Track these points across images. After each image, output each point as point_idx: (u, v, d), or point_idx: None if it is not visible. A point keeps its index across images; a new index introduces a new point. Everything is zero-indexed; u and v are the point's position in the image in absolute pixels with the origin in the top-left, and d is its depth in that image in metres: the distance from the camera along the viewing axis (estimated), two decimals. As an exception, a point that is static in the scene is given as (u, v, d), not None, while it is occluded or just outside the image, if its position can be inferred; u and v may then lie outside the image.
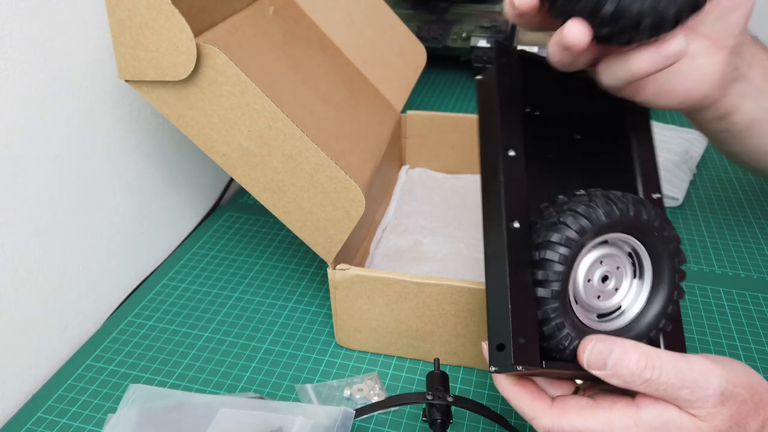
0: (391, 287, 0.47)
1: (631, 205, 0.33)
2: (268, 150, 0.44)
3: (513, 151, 0.35)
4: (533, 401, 0.34)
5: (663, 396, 0.32)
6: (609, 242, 0.35)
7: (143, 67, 0.43)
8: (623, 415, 0.32)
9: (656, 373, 0.31)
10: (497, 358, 0.33)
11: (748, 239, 0.65)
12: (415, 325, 0.49)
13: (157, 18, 0.41)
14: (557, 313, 0.32)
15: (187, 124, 0.45)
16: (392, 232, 0.63)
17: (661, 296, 0.35)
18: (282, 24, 0.60)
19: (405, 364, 0.50)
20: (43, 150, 0.49)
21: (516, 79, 0.37)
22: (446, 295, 0.46)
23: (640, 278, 0.36)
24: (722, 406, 0.31)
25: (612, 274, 0.35)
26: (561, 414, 0.33)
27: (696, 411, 0.31)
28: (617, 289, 0.35)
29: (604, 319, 0.35)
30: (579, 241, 0.32)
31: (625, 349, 0.32)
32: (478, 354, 0.49)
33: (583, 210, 0.33)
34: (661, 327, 0.35)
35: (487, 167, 0.36)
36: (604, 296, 0.35)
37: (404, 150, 0.73)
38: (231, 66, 0.42)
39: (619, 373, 0.32)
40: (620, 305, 0.36)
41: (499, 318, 0.33)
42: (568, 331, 0.33)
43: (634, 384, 0.32)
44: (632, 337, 0.34)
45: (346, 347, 0.52)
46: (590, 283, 0.35)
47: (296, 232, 0.47)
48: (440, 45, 0.98)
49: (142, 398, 0.42)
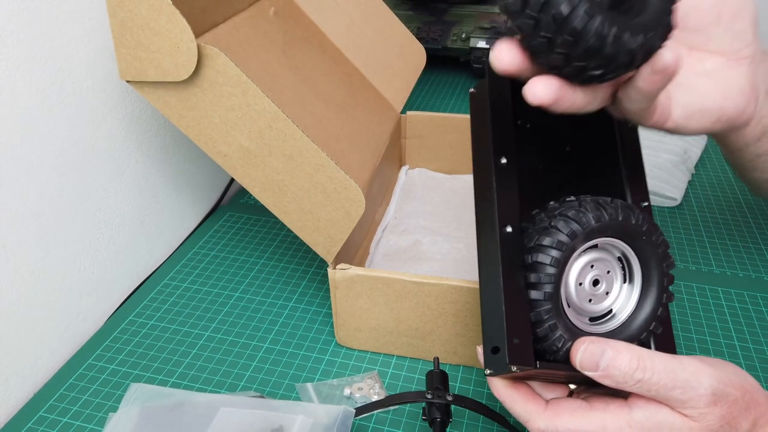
0: (391, 287, 0.47)
1: (620, 210, 0.34)
2: (268, 150, 0.45)
3: (504, 159, 0.36)
4: (527, 403, 0.35)
5: (655, 396, 0.32)
6: (599, 247, 0.35)
7: (144, 67, 0.43)
8: (616, 417, 0.33)
9: (648, 373, 0.31)
10: (492, 361, 0.33)
11: (746, 239, 0.65)
12: (414, 325, 0.49)
13: (158, 19, 0.41)
14: (550, 315, 0.33)
15: (188, 124, 0.45)
16: (392, 232, 0.64)
17: (650, 299, 0.36)
18: (282, 25, 0.60)
19: (405, 363, 0.51)
20: (45, 150, 0.49)
21: (507, 93, 0.37)
22: (446, 294, 0.46)
23: (630, 282, 0.37)
24: (714, 406, 0.31)
25: (602, 278, 0.36)
26: (555, 416, 0.34)
27: (688, 411, 0.32)
28: (608, 292, 0.36)
29: (596, 323, 0.36)
30: (570, 245, 0.33)
31: (617, 350, 0.32)
32: (477, 353, 0.49)
33: (574, 214, 0.33)
34: (651, 329, 0.36)
35: (480, 175, 0.37)
36: (595, 300, 0.36)
37: (404, 150, 0.73)
38: (232, 67, 0.42)
39: (611, 374, 0.32)
40: (611, 309, 0.36)
41: (493, 321, 0.34)
42: (561, 332, 0.33)
43: (627, 385, 0.32)
44: (623, 340, 0.34)
45: (346, 346, 0.52)
46: (582, 286, 0.35)
47: (296, 232, 0.47)
48: (440, 46, 0.98)
49: (143, 397, 0.42)
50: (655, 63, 0.30)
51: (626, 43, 0.28)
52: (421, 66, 0.73)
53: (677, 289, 0.58)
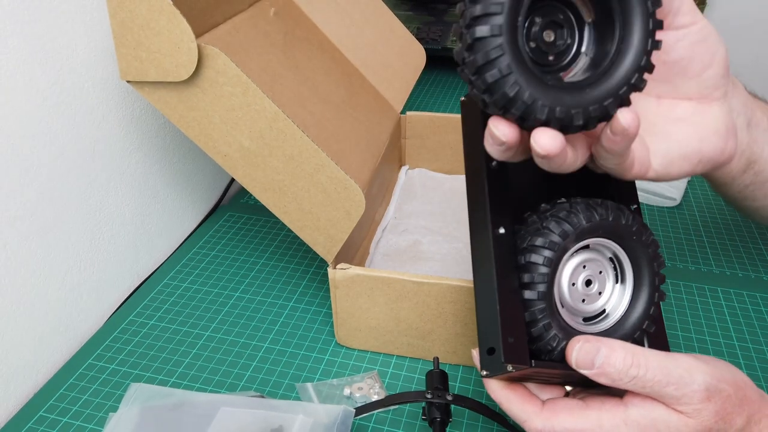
0: (391, 286, 0.47)
1: (610, 211, 0.35)
2: (269, 150, 0.45)
3: (495, 162, 0.36)
4: (524, 404, 0.35)
5: (650, 393, 0.32)
6: (590, 247, 0.36)
7: (145, 68, 0.43)
8: (612, 415, 0.33)
9: (642, 370, 0.32)
10: (488, 362, 0.34)
11: (745, 239, 0.65)
12: (414, 324, 0.49)
13: (158, 19, 0.41)
14: (544, 314, 0.33)
15: (189, 124, 0.46)
16: (392, 232, 0.64)
17: (643, 299, 0.36)
18: (282, 25, 0.60)
19: (405, 362, 0.51)
20: (45, 150, 0.49)
21: None
22: (446, 294, 0.46)
23: (621, 282, 0.37)
24: (708, 402, 0.31)
25: (595, 279, 0.36)
26: (552, 415, 0.34)
27: (683, 407, 0.32)
28: (601, 292, 0.37)
29: (589, 323, 0.37)
30: (562, 245, 0.34)
31: (611, 348, 0.32)
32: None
33: (565, 215, 0.34)
34: (644, 328, 0.36)
35: (472, 180, 0.37)
36: (588, 300, 0.36)
37: (404, 150, 0.73)
38: (232, 67, 0.42)
39: (606, 372, 0.32)
40: (604, 308, 0.37)
41: (488, 321, 0.34)
42: (556, 332, 0.34)
43: (622, 382, 0.32)
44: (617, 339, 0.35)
45: (346, 346, 0.52)
46: (575, 287, 0.36)
47: (297, 231, 0.47)
48: (440, 46, 0.98)
49: (143, 397, 0.42)
50: (612, 125, 0.30)
51: (565, 111, 0.29)
52: (421, 66, 0.73)
53: (676, 289, 0.58)
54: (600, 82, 0.30)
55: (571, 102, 0.29)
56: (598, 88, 0.30)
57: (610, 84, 0.30)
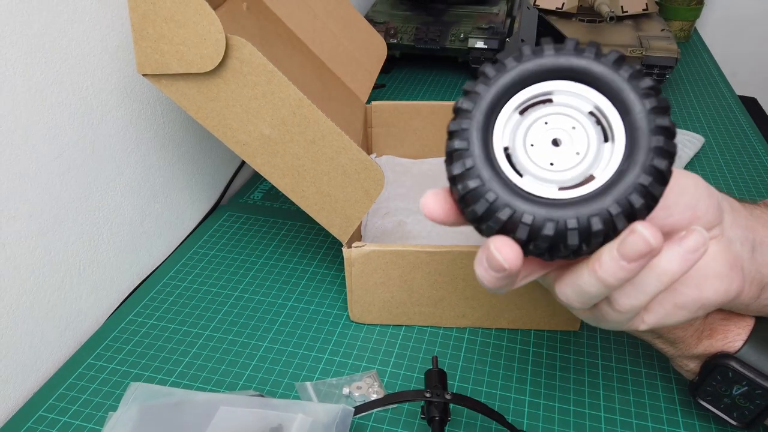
0: (405, 258, 0.49)
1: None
2: (290, 137, 0.46)
3: None
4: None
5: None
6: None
7: (166, 60, 0.44)
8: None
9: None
10: None
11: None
12: (426, 293, 0.51)
13: (184, 11, 0.42)
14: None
15: (207, 115, 0.46)
16: (375, 215, 0.66)
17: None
18: (256, 20, 0.61)
19: (404, 361, 0.51)
20: (45, 150, 0.49)
21: None
22: (456, 260, 0.49)
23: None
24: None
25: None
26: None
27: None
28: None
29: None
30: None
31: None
32: (484, 314, 0.53)
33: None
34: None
35: None
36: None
37: (370, 139, 0.75)
38: (258, 56, 0.43)
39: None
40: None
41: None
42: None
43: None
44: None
45: (359, 322, 0.54)
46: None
47: (313, 215, 0.48)
48: (438, 46, 0.98)
49: (142, 396, 0.42)
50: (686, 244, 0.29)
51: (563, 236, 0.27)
52: (383, 58, 0.75)
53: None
54: None
55: None
56: None
57: None
